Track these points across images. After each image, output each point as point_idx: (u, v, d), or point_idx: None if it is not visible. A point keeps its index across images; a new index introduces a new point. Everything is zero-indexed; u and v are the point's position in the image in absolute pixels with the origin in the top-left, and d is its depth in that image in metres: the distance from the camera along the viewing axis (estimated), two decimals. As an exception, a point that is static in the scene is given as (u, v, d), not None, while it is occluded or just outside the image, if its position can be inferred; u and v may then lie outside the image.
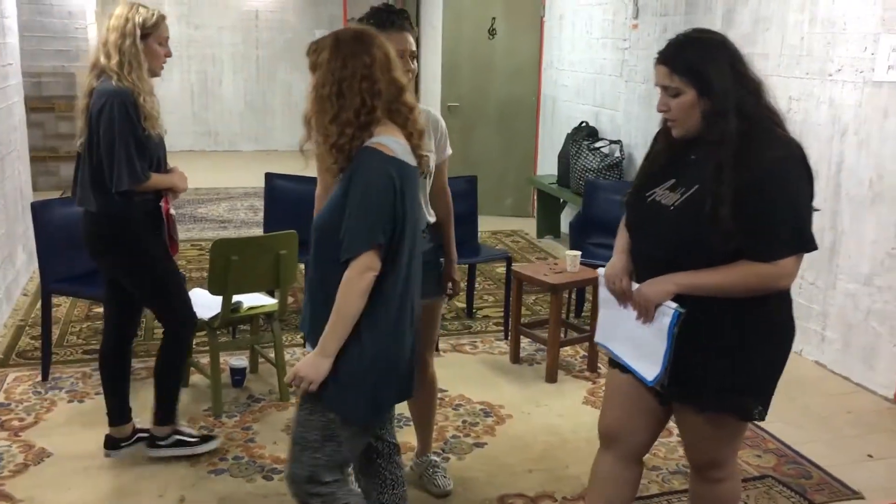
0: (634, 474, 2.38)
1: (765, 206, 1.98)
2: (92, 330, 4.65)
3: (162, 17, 3.04)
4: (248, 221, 7.46)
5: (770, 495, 3.14)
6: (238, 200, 8.37)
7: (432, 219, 2.89)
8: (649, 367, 2.15)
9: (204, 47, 11.43)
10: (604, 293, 2.29)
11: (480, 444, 3.50)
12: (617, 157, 6.10)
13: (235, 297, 3.63)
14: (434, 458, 3.19)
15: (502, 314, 4.91)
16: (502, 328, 4.80)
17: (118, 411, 3.27)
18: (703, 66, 2.03)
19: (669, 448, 3.48)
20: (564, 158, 6.60)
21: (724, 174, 1.98)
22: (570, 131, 6.73)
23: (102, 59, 2.93)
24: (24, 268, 5.45)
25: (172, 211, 3.11)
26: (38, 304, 4.45)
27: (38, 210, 3.92)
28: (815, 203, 2.14)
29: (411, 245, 2.12)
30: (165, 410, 3.27)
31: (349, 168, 2.04)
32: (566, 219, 6.84)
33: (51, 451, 3.33)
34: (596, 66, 6.74)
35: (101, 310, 4.31)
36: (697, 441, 2.30)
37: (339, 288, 2.00)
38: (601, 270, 2.30)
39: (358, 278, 1.99)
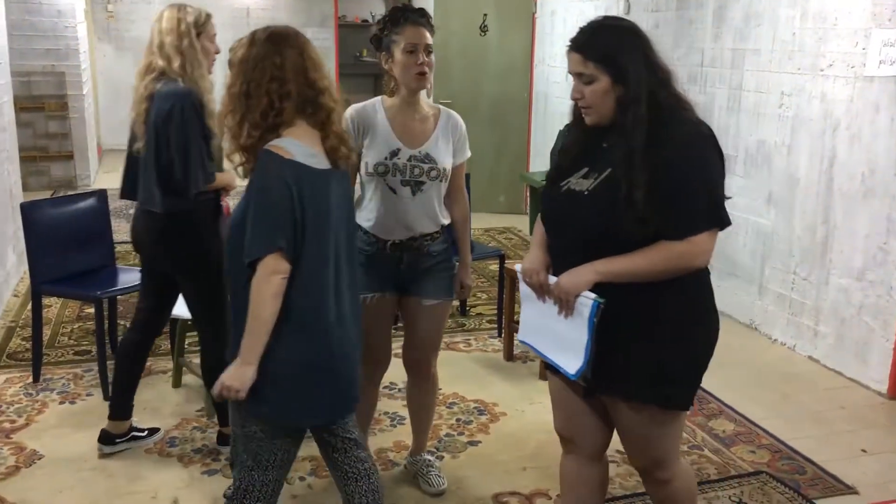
0: (599, 473, 2.39)
1: (678, 183, 1.98)
2: (83, 331, 4.62)
3: (209, 16, 3.13)
4: (241, 220, 7.43)
5: (764, 491, 3.14)
6: (232, 199, 8.32)
7: (446, 220, 2.87)
8: (572, 361, 2.12)
9: (195, 45, 11.38)
10: (524, 289, 2.25)
11: (474, 442, 3.49)
12: (609, 154, 6.09)
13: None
14: (428, 456, 3.18)
15: (496, 312, 4.91)
16: (496, 326, 4.79)
17: (122, 406, 3.30)
18: (617, 53, 2.04)
19: (663, 444, 3.48)
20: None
21: (636, 158, 1.98)
22: (562, 128, 6.72)
23: (161, 62, 2.97)
24: (15, 269, 5.42)
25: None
26: (29, 305, 4.42)
27: (28, 210, 3.89)
28: (808, 198, 2.14)
29: (336, 248, 2.11)
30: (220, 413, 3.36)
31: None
32: (559, 215, 6.83)
33: (42, 453, 3.32)
34: (588, 62, 6.72)
35: (91, 310, 4.29)
36: (632, 437, 2.27)
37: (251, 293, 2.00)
38: (518, 266, 2.26)
39: (264, 282, 1.99)
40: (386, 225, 2.77)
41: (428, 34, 2.71)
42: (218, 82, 2.82)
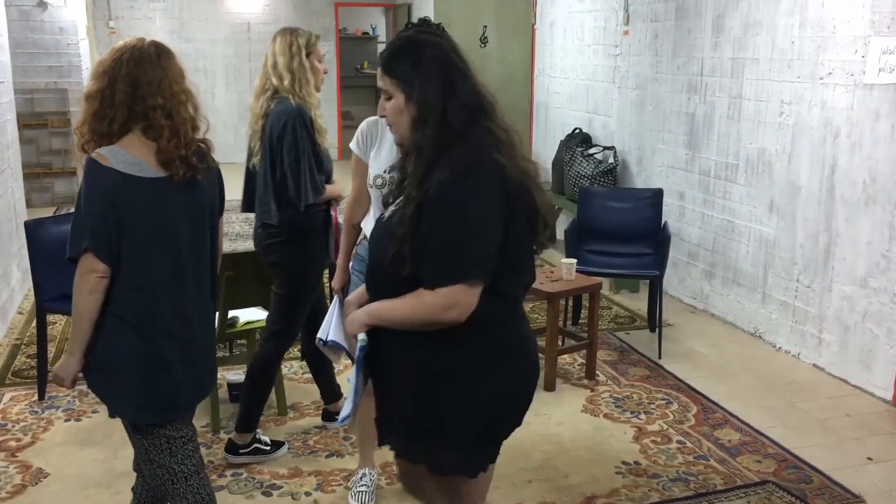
0: None
1: (430, 228, 1.80)
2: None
3: (318, 37, 3.33)
4: (244, 234, 7.45)
5: (771, 501, 3.13)
6: (233, 213, 8.30)
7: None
8: (347, 405, 2.03)
9: (196, 60, 11.43)
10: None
11: (480, 454, 3.49)
12: (611, 164, 6.11)
13: (231, 313, 3.62)
14: (433, 470, 3.18)
15: (499, 323, 4.90)
16: (500, 337, 4.79)
17: (249, 420, 3.39)
18: (412, 71, 1.90)
19: (669, 455, 3.48)
20: (558, 165, 6.61)
21: (411, 189, 1.86)
22: (563, 138, 6.75)
23: (275, 81, 3.18)
24: (19, 286, 5.43)
25: (340, 219, 3.29)
26: (34, 323, 4.43)
27: (32, 228, 3.91)
28: (810, 206, 2.04)
29: (175, 252, 2.18)
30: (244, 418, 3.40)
31: None
32: (561, 226, 6.83)
33: (48, 471, 3.32)
34: (588, 72, 6.75)
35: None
36: (420, 492, 2.14)
37: None
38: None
39: (80, 278, 2.12)
40: None
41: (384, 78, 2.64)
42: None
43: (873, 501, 3.15)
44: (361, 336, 1.93)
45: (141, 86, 2.14)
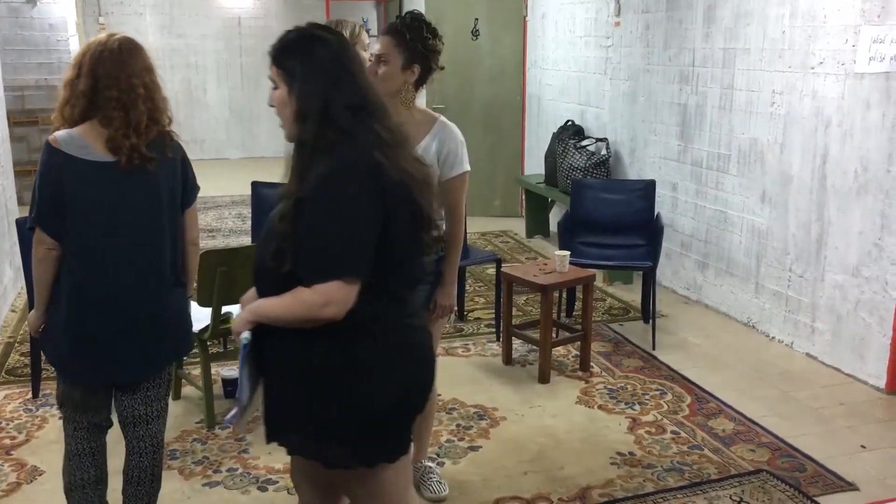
0: None
1: (308, 224, 1.81)
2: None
3: (362, 27, 3.38)
4: (237, 230, 7.44)
5: (765, 489, 3.14)
6: (226, 209, 8.34)
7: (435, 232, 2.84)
8: (235, 405, 2.02)
9: (187, 56, 11.40)
10: None
11: (475, 447, 3.50)
12: (603, 155, 6.11)
13: (225, 308, 3.61)
14: (429, 463, 3.18)
15: (493, 316, 4.91)
16: (494, 330, 4.80)
17: None
18: (296, 64, 1.90)
19: (663, 445, 3.49)
20: (551, 157, 6.61)
21: (291, 184, 1.87)
22: (556, 130, 6.74)
23: None
24: (12, 284, 5.41)
25: None
26: (27, 321, 4.42)
27: (24, 226, 3.88)
28: (802, 195, 2.02)
29: (119, 231, 2.35)
30: None
31: None
32: (555, 218, 6.85)
33: (43, 468, 3.31)
34: (580, 64, 6.75)
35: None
36: (308, 488, 2.15)
37: None
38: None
39: (33, 248, 2.37)
40: None
41: (384, 44, 2.71)
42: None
43: (866, 489, 3.16)
44: (245, 335, 1.93)
45: (100, 79, 2.32)
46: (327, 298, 1.79)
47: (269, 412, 1.98)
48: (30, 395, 3.94)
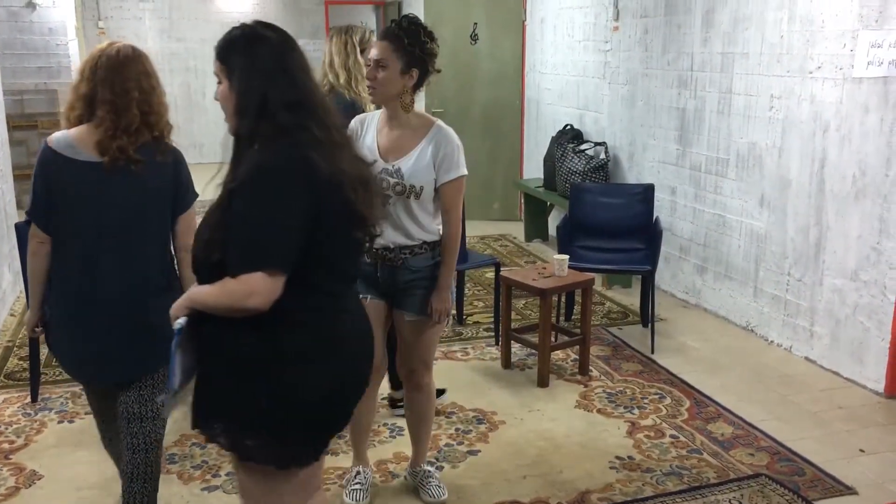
0: None
1: (235, 215, 1.85)
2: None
3: (371, 33, 3.51)
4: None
5: (764, 493, 3.14)
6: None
7: (430, 237, 2.84)
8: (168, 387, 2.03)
9: (187, 60, 11.40)
10: None
11: (474, 451, 3.50)
12: (602, 159, 6.12)
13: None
14: (428, 467, 3.18)
15: (492, 320, 4.92)
16: (493, 334, 4.80)
17: (395, 377, 3.64)
18: (238, 60, 1.96)
19: (662, 449, 3.49)
20: (550, 161, 6.61)
21: (225, 177, 1.93)
22: (554, 134, 6.75)
23: (331, 78, 3.43)
24: (11, 288, 5.41)
25: None
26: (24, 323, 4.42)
27: (23, 230, 3.87)
28: (800, 199, 2.03)
29: (100, 228, 2.43)
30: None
31: None
32: (553, 222, 6.86)
33: (42, 473, 3.31)
34: (578, 68, 6.76)
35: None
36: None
37: None
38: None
39: (29, 242, 2.49)
40: None
41: (381, 48, 2.72)
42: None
43: (865, 493, 3.17)
44: (180, 320, 1.94)
45: (97, 84, 2.44)
46: (251, 289, 1.82)
47: (197, 399, 2.01)
48: (28, 400, 3.94)
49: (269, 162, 1.87)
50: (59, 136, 2.45)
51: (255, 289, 1.82)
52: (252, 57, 1.95)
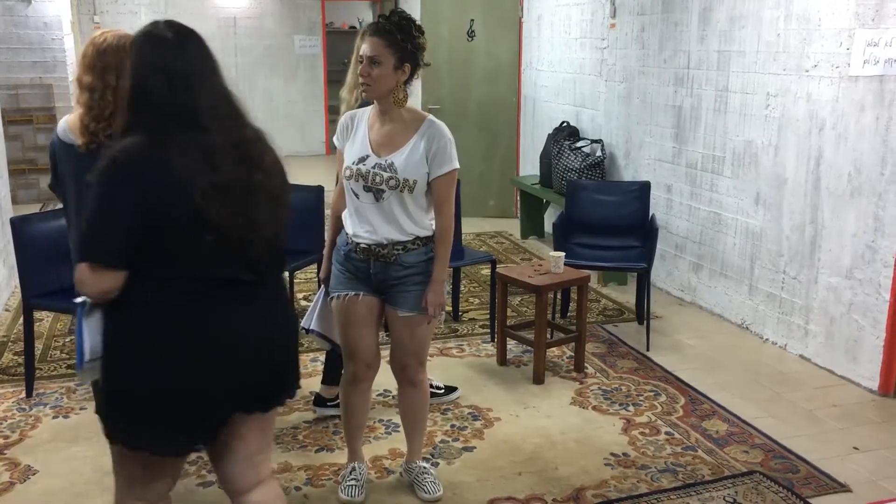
0: None
1: (86, 209, 1.99)
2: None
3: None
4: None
5: (758, 490, 3.15)
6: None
7: (424, 232, 2.84)
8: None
9: (182, 55, 11.37)
10: None
11: (469, 448, 3.50)
12: (598, 157, 6.12)
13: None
14: (423, 463, 3.19)
15: (488, 316, 4.92)
16: (488, 330, 4.80)
17: (333, 373, 3.65)
18: (130, 59, 2.09)
19: (657, 446, 3.50)
20: (546, 159, 6.62)
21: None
22: (551, 131, 6.75)
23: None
24: (6, 283, 5.40)
25: None
26: (21, 320, 4.41)
27: (18, 225, 3.88)
28: (796, 197, 2.04)
29: (73, 203, 2.79)
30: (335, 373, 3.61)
31: None
32: (549, 219, 6.86)
33: (37, 468, 3.30)
34: (575, 65, 6.76)
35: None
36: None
37: None
38: None
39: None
40: (353, 226, 2.84)
41: (372, 44, 2.72)
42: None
43: (859, 490, 3.18)
44: (80, 297, 2.01)
45: (88, 71, 2.71)
46: (80, 278, 1.96)
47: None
48: (23, 395, 3.93)
49: (110, 161, 1.94)
50: (62, 121, 2.82)
51: (82, 279, 1.96)
52: (137, 57, 2.05)
